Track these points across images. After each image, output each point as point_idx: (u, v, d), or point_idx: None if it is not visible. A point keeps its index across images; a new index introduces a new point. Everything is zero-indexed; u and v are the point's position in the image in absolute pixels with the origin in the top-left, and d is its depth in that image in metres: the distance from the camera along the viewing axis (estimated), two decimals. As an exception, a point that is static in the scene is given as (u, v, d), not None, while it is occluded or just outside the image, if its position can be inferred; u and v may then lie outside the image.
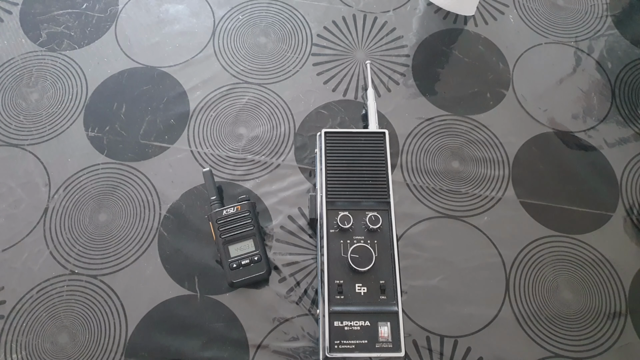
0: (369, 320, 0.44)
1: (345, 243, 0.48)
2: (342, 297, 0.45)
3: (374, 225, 0.48)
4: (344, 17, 0.69)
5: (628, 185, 0.60)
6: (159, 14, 0.69)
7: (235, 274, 0.53)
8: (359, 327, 0.44)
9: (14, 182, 0.58)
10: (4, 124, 0.62)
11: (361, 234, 0.48)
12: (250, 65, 0.66)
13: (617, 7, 0.72)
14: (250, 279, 0.53)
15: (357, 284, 0.46)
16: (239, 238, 0.54)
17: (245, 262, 0.53)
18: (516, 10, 0.71)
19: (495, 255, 0.56)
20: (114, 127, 0.62)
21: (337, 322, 0.44)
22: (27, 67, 0.65)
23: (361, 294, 0.46)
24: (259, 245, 0.54)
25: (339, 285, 0.46)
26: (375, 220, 0.48)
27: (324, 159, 0.51)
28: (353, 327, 0.44)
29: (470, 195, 0.59)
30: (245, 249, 0.54)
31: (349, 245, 0.48)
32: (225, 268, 0.53)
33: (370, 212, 0.48)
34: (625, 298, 0.54)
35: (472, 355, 0.51)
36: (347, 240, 0.48)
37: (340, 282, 0.46)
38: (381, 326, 0.44)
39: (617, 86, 0.66)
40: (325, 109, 0.63)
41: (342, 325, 0.44)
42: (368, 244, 0.47)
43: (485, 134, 0.62)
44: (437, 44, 0.68)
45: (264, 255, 0.54)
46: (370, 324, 0.44)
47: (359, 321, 0.44)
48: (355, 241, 0.48)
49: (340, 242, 0.48)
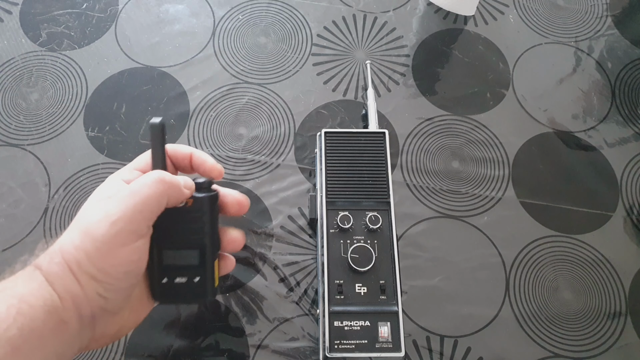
0: (369, 320, 0.44)
1: (345, 243, 0.48)
2: (342, 297, 0.45)
3: (374, 225, 0.47)
4: (344, 17, 0.69)
5: (628, 185, 0.60)
6: (159, 14, 0.69)
7: (163, 291, 0.39)
8: (359, 327, 0.44)
9: (14, 182, 0.58)
10: (4, 124, 0.62)
11: (361, 234, 0.48)
12: (250, 65, 0.66)
13: (617, 7, 0.72)
14: (182, 300, 0.44)
15: (357, 284, 0.46)
16: (179, 244, 0.38)
17: (179, 279, 0.39)
18: (516, 10, 0.71)
19: (495, 255, 0.56)
20: (114, 127, 0.62)
21: (337, 322, 0.44)
22: (27, 67, 0.65)
23: (361, 294, 0.46)
24: (206, 261, 0.39)
25: (339, 285, 0.46)
26: (375, 220, 0.48)
27: (324, 159, 0.51)
28: (353, 327, 0.44)
29: (470, 195, 0.59)
30: (185, 260, 0.39)
31: (349, 245, 0.47)
32: (152, 278, 0.39)
33: (370, 212, 0.48)
34: (625, 298, 0.54)
35: (472, 355, 0.51)
36: (347, 240, 0.48)
37: (340, 282, 0.46)
38: (381, 326, 0.44)
39: (617, 86, 0.66)
40: (325, 109, 0.63)
41: (342, 325, 0.44)
42: (368, 244, 0.47)
43: (485, 134, 0.62)
44: (437, 44, 0.68)
45: (210, 274, 0.40)
46: (370, 324, 0.44)
47: (359, 321, 0.44)
48: (355, 241, 0.47)
49: (340, 242, 0.48)
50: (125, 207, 0.30)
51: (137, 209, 0.31)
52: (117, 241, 0.30)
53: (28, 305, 0.28)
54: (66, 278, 0.30)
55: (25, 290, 0.29)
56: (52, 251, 0.31)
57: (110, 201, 0.31)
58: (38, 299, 0.28)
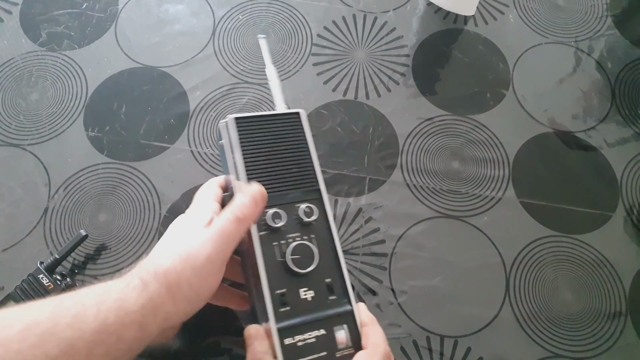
0: (323, 328, 0.38)
1: (279, 245, 0.41)
2: (287, 309, 0.39)
3: (308, 217, 0.41)
4: (344, 17, 0.69)
5: (628, 185, 0.60)
6: (159, 14, 0.69)
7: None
8: (314, 339, 0.38)
9: (14, 182, 0.58)
10: (4, 124, 0.62)
11: (296, 230, 0.42)
12: (250, 65, 0.66)
13: (617, 7, 0.72)
14: None
15: (301, 289, 0.40)
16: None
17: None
18: (516, 10, 0.71)
19: (495, 255, 0.56)
20: (114, 127, 0.62)
21: (288, 340, 0.37)
22: (27, 67, 0.65)
23: (308, 299, 0.39)
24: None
25: (281, 295, 0.39)
26: (308, 212, 0.42)
27: (240, 150, 0.43)
28: (307, 340, 0.38)
29: (470, 195, 0.59)
30: None
31: (285, 246, 0.41)
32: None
33: (302, 204, 0.42)
34: (625, 298, 0.54)
35: (472, 355, 0.51)
36: (282, 241, 0.41)
37: (282, 292, 0.39)
38: (337, 331, 0.39)
39: (617, 86, 0.66)
40: (325, 109, 0.63)
41: (295, 342, 0.37)
42: (306, 240, 0.41)
43: (485, 134, 0.62)
44: (437, 44, 0.68)
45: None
46: (325, 331, 0.38)
47: (312, 331, 0.38)
48: (291, 240, 0.41)
49: (274, 245, 0.41)
50: (215, 245, 0.37)
51: (224, 245, 0.37)
52: (211, 271, 0.37)
53: (130, 320, 0.34)
54: (165, 297, 0.36)
55: (132, 308, 0.34)
56: (156, 270, 0.36)
57: (206, 237, 0.37)
58: (136, 317, 0.34)
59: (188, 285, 0.36)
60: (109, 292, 0.35)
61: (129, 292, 0.35)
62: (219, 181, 0.46)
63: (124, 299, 0.34)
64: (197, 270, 0.36)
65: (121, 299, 0.34)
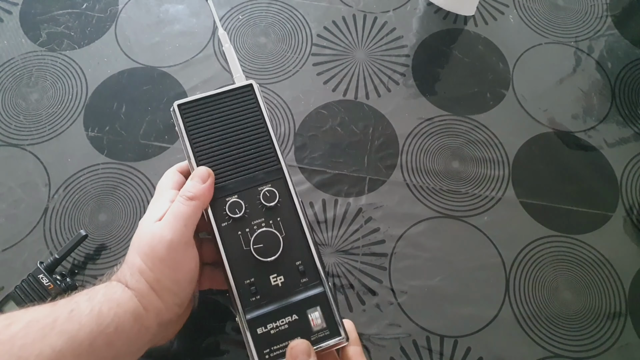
0: (295, 313, 0.37)
1: (244, 233, 0.40)
2: (257, 298, 0.38)
3: (271, 202, 0.40)
4: (344, 17, 0.69)
5: (628, 185, 0.60)
6: (159, 14, 0.69)
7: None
8: (286, 325, 0.37)
9: (14, 182, 0.58)
10: (4, 124, 0.62)
11: (259, 216, 0.40)
12: (250, 65, 0.66)
13: (617, 7, 0.72)
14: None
15: (270, 275, 0.39)
16: None
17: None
18: (516, 10, 0.71)
19: (495, 255, 0.56)
20: (114, 127, 0.62)
21: (261, 329, 0.37)
22: (27, 67, 0.65)
23: (279, 285, 0.38)
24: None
25: (250, 284, 0.38)
26: (270, 196, 0.40)
27: (187, 138, 0.41)
28: (280, 327, 0.37)
29: (470, 195, 0.59)
30: None
31: (250, 234, 0.39)
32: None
33: (263, 187, 0.40)
34: (625, 298, 0.54)
35: (472, 355, 0.51)
36: (246, 229, 0.40)
37: (251, 281, 0.38)
38: (310, 313, 0.37)
39: (617, 86, 0.66)
40: (325, 109, 0.63)
41: (267, 330, 0.37)
42: (271, 225, 0.40)
43: (485, 134, 0.62)
44: (437, 44, 0.68)
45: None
46: (298, 316, 0.37)
47: (285, 317, 0.37)
48: (256, 227, 0.40)
49: (238, 234, 0.40)
50: (173, 228, 0.38)
51: (181, 227, 0.38)
52: (177, 256, 0.38)
53: (123, 310, 0.36)
54: (150, 296, 0.38)
55: (121, 300, 0.36)
56: (132, 272, 0.38)
57: (161, 225, 0.39)
58: (129, 307, 0.36)
59: (165, 277, 0.38)
60: (96, 291, 0.37)
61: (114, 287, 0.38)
62: (180, 167, 0.46)
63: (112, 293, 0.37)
64: (165, 261, 0.38)
65: (109, 293, 0.37)
